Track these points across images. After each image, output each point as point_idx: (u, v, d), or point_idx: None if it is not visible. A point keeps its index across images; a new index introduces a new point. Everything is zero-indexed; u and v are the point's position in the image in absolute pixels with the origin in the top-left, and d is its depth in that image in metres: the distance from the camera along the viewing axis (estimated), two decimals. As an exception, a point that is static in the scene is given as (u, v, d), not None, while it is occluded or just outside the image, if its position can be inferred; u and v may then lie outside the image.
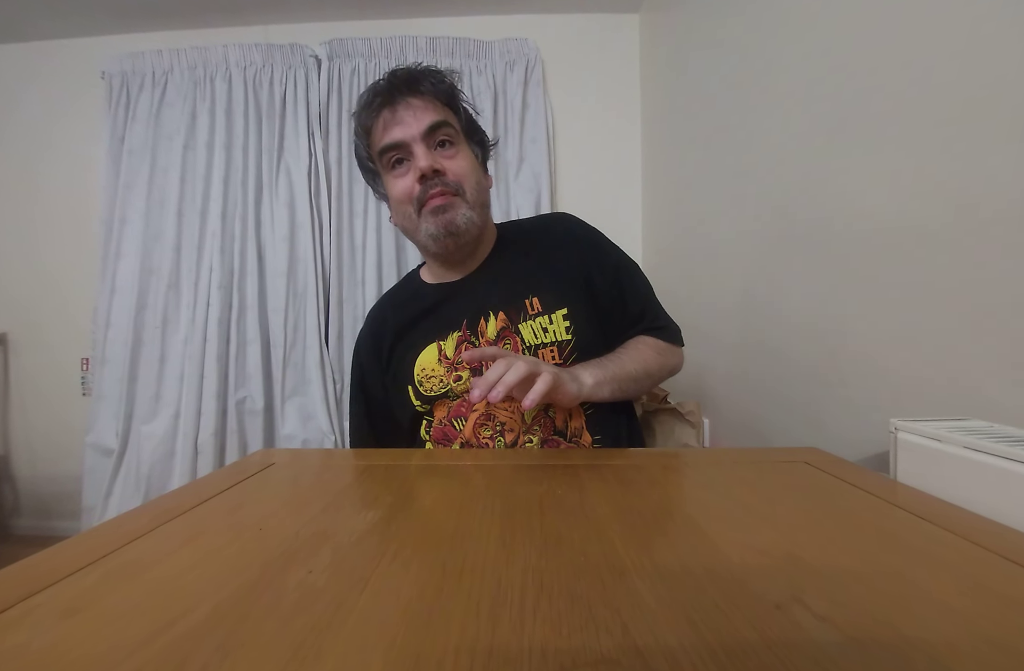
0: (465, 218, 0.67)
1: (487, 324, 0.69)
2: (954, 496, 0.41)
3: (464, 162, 0.69)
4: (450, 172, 0.67)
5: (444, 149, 0.68)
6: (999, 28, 0.53)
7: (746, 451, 0.59)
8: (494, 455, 0.59)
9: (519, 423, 0.66)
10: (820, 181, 0.83)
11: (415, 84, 0.67)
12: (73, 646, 0.23)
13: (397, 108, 0.66)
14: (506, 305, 0.69)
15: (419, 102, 0.67)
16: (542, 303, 0.69)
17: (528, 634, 0.23)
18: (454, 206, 0.67)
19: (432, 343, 0.71)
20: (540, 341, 0.67)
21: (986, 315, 0.55)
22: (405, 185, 0.67)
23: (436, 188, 0.65)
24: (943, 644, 0.22)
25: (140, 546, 0.34)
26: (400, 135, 0.66)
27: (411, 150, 0.66)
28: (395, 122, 0.66)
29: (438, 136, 0.67)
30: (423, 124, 0.66)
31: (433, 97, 0.68)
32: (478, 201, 0.70)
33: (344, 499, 0.43)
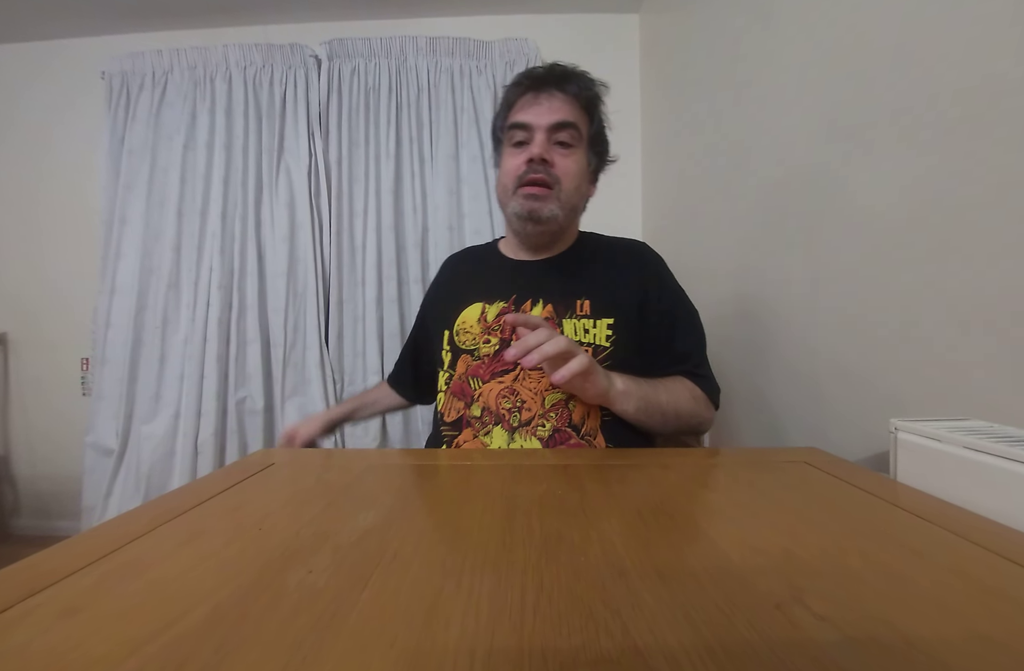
0: (550, 212, 0.72)
1: (532, 309, 0.73)
2: (954, 496, 0.41)
3: (573, 164, 0.74)
4: (557, 166, 0.72)
5: (561, 148, 0.73)
6: (999, 27, 0.53)
7: (746, 451, 0.59)
8: (494, 455, 0.59)
9: (538, 405, 0.68)
10: (820, 181, 0.83)
11: (565, 81, 0.73)
12: (73, 646, 0.23)
13: (540, 95, 0.72)
14: (557, 299, 0.73)
15: (561, 98, 0.72)
16: (592, 308, 0.72)
17: (528, 634, 0.23)
18: (545, 199, 0.71)
19: (480, 303, 0.76)
20: (578, 339, 0.70)
21: (986, 315, 0.55)
22: (515, 163, 0.73)
23: (538, 174, 0.70)
24: (943, 644, 0.22)
25: (140, 546, 0.34)
26: (530, 119, 0.72)
27: (533, 135, 0.72)
28: (532, 105, 0.73)
29: (560, 135, 0.72)
30: (553, 118, 0.71)
31: (574, 98, 0.73)
32: (569, 202, 0.74)
33: (344, 499, 0.43)
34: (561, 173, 0.72)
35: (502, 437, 0.68)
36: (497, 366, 0.72)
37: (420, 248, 1.78)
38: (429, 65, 1.82)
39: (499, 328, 0.73)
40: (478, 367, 0.73)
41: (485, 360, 0.73)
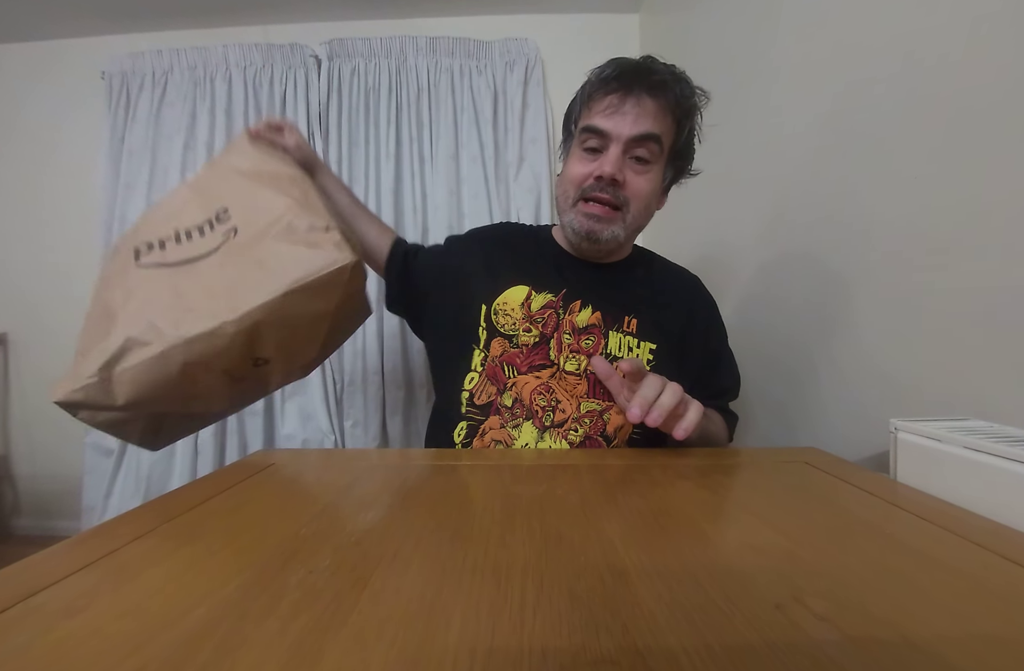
0: (611, 234, 0.67)
1: (581, 310, 0.70)
2: (954, 496, 0.41)
3: (647, 184, 0.67)
4: (628, 187, 0.65)
5: (636, 163, 0.66)
6: (1000, 25, 0.53)
7: (746, 451, 0.59)
8: (494, 455, 0.59)
9: (573, 408, 0.66)
10: (821, 180, 0.83)
11: (661, 88, 0.64)
12: (73, 646, 0.23)
13: (628, 99, 0.63)
14: (607, 308, 0.70)
15: (651, 105, 0.63)
16: (638, 328, 0.70)
17: (528, 634, 0.23)
18: (608, 220, 0.66)
19: (527, 286, 0.71)
20: (622, 355, 0.68)
21: (986, 315, 0.55)
22: (581, 171, 0.66)
23: (604, 194, 0.65)
24: (943, 644, 0.22)
25: (140, 546, 0.34)
26: (609, 126, 0.63)
27: (608, 145, 0.64)
28: (615, 110, 0.63)
29: (639, 150, 0.65)
30: (635, 130, 0.63)
31: (667, 109, 0.64)
32: (635, 224, 0.69)
33: (344, 499, 0.43)
34: (631, 194, 0.65)
35: (531, 434, 0.65)
36: (535, 359, 0.68)
37: (420, 248, 1.78)
38: (429, 65, 1.82)
39: (542, 320, 0.69)
40: (515, 355, 0.69)
41: (524, 350, 0.69)
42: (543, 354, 0.69)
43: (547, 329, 0.69)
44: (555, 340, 0.68)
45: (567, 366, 0.68)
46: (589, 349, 0.68)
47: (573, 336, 0.69)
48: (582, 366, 0.67)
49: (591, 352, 0.68)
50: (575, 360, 0.68)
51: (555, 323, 0.69)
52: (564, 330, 0.69)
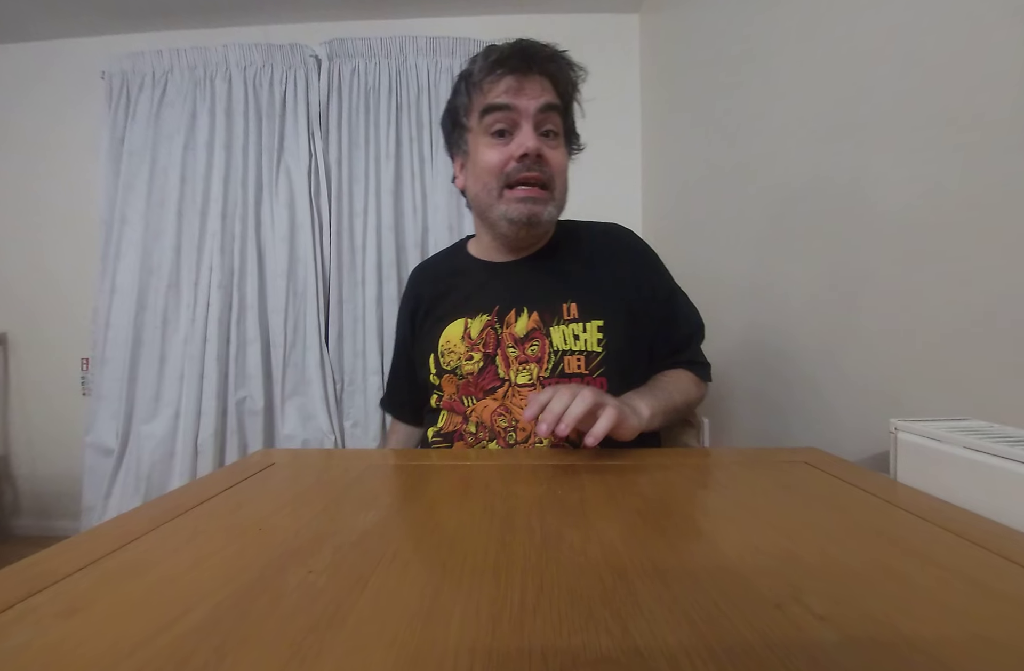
0: (548, 214, 0.66)
1: (517, 319, 0.69)
2: (954, 496, 0.41)
3: (563, 158, 0.67)
4: (551, 162, 0.65)
5: (548, 139, 0.66)
6: (1000, 25, 0.53)
7: (746, 451, 0.59)
8: (494, 455, 0.59)
9: (532, 424, 0.65)
10: (821, 180, 0.83)
11: (552, 64, 0.64)
12: (73, 646, 0.23)
13: (522, 76, 0.63)
14: (542, 305, 0.68)
15: (545, 81, 0.64)
16: (580, 310, 0.68)
17: (528, 634, 0.23)
18: (543, 201, 0.65)
19: (461, 319, 0.71)
20: (569, 347, 0.66)
21: (986, 315, 0.55)
22: (499, 157, 0.64)
23: (533, 173, 0.63)
24: (943, 644, 0.22)
25: (140, 546, 0.34)
26: (515, 101, 0.63)
27: (518, 122, 0.63)
28: (517, 87, 0.63)
29: (547, 122, 0.65)
30: (540, 100, 0.63)
31: (557, 82, 0.65)
32: (562, 201, 0.69)
33: (344, 499, 0.43)
34: (555, 170, 0.65)
35: None
36: (485, 382, 0.68)
37: (420, 248, 1.78)
38: (429, 65, 1.82)
39: (482, 342, 0.68)
40: (466, 386, 0.69)
41: (470, 378, 0.68)
42: (492, 375, 0.68)
43: (489, 349, 0.68)
44: (500, 357, 0.68)
45: (519, 379, 0.66)
46: (536, 355, 0.67)
47: (517, 347, 0.67)
48: (535, 374, 0.66)
49: (539, 357, 0.66)
50: (526, 371, 0.66)
51: (495, 340, 0.68)
52: (507, 344, 0.68)
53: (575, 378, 0.66)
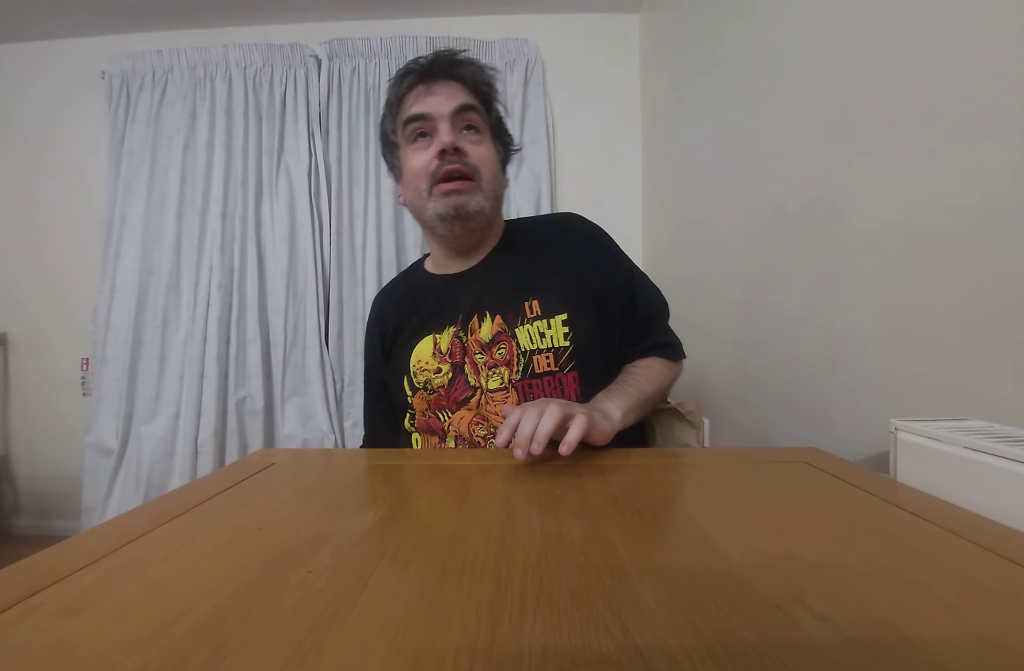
0: (477, 204, 0.66)
1: (481, 324, 0.68)
2: (954, 496, 0.41)
3: (486, 150, 0.69)
4: (472, 154, 0.66)
5: (469, 133, 0.67)
6: (1000, 26, 0.53)
7: (746, 451, 0.59)
8: (494, 455, 0.59)
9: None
10: (820, 180, 0.83)
11: (457, 68, 0.68)
12: (73, 646, 0.23)
13: (433, 85, 0.67)
14: (504, 307, 0.68)
15: (456, 85, 0.67)
16: (542, 306, 0.67)
17: (528, 634, 0.23)
18: (468, 191, 0.65)
19: (429, 335, 0.70)
20: (536, 346, 0.66)
21: (986, 314, 0.55)
22: (423, 159, 0.66)
23: (454, 165, 0.64)
24: (943, 644, 0.22)
25: (140, 546, 0.34)
26: (429, 108, 0.66)
27: (436, 126, 0.66)
28: (428, 95, 0.66)
29: (465, 119, 0.67)
30: (454, 103, 0.66)
31: (471, 87, 0.68)
32: (492, 192, 0.69)
33: (344, 499, 0.43)
34: (477, 161, 0.66)
35: None
36: (457, 394, 0.67)
37: (420, 248, 1.78)
38: (429, 65, 1.82)
39: (449, 353, 0.68)
40: (438, 400, 0.68)
41: (441, 391, 0.68)
42: (463, 384, 0.67)
43: (456, 358, 0.68)
44: (469, 365, 0.68)
45: (490, 384, 0.66)
46: (505, 358, 0.66)
47: (485, 353, 0.67)
48: (506, 378, 0.66)
49: (508, 360, 0.66)
50: (496, 375, 0.66)
51: (461, 349, 0.68)
52: (473, 351, 0.68)
53: (547, 377, 0.65)
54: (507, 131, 0.75)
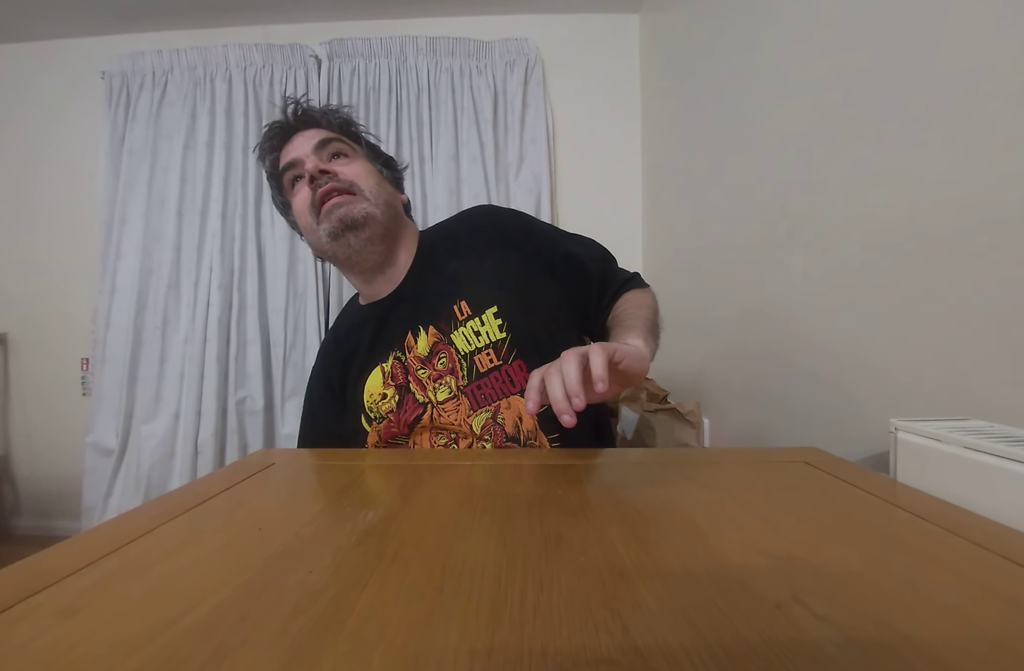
0: (362, 211, 0.66)
1: (417, 340, 0.68)
2: (954, 496, 0.41)
3: (360, 168, 0.70)
4: (341, 173, 0.68)
5: (338, 159, 0.70)
6: (1000, 27, 0.53)
7: (746, 451, 0.59)
8: (494, 455, 0.59)
9: (468, 431, 0.65)
10: (821, 182, 0.83)
11: (307, 117, 0.72)
12: (73, 646, 0.23)
13: (293, 138, 0.71)
14: (435, 317, 0.67)
15: (312, 131, 0.71)
16: (470, 305, 0.66)
17: (528, 634, 0.23)
18: (349, 203, 0.66)
19: (376, 367, 0.69)
20: (474, 346, 0.65)
21: (986, 315, 0.55)
22: (302, 196, 0.68)
23: (326, 184, 0.66)
24: (943, 644, 0.22)
25: (140, 546, 0.34)
26: (294, 154, 0.69)
27: (304, 166, 0.68)
28: (290, 146, 0.71)
29: (330, 149, 0.70)
30: (312, 142, 0.69)
31: (327, 126, 0.72)
32: (380, 200, 0.69)
33: (344, 499, 0.43)
34: (351, 175, 0.68)
35: None
36: (407, 415, 0.66)
37: (420, 248, 1.78)
38: (429, 65, 1.82)
39: (391, 374, 0.68)
40: (388, 427, 0.67)
41: (391, 417, 0.67)
42: (412, 404, 0.67)
43: (400, 380, 0.67)
44: (414, 383, 0.67)
45: (439, 396, 0.66)
46: (448, 366, 0.66)
47: (426, 367, 0.67)
48: (453, 386, 0.65)
49: (451, 368, 0.66)
50: (444, 386, 0.66)
51: (403, 369, 0.67)
52: (415, 368, 0.67)
53: (492, 373, 0.64)
54: (384, 154, 0.78)
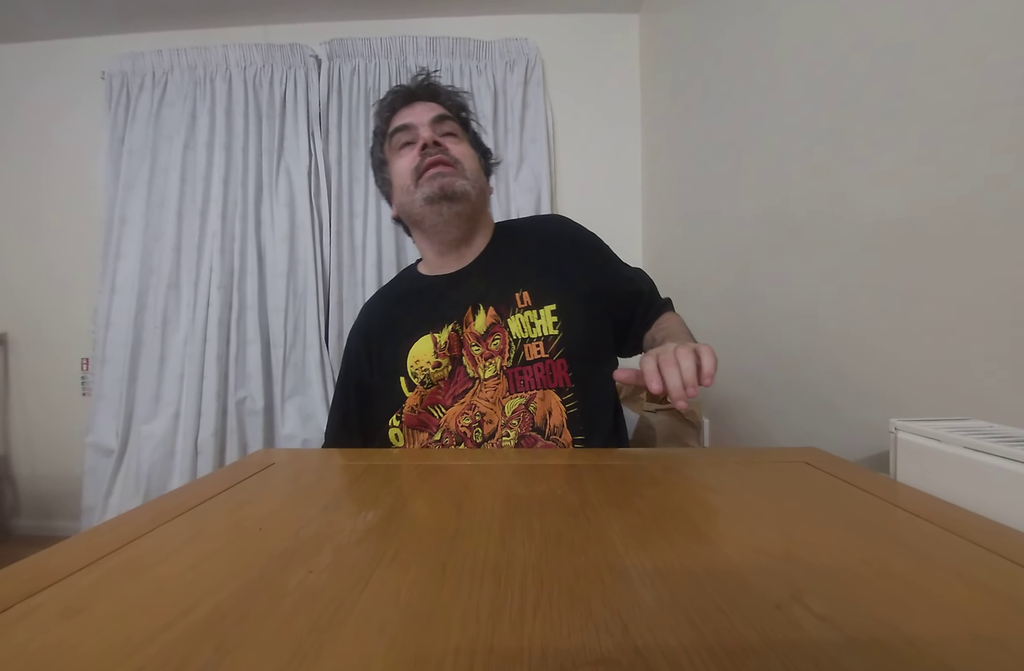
0: (461, 186, 0.69)
1: (475, 317, 0.70)
2: (954, 496, 0.41)
3: (466, 150, 0.74)
4: (452, 149, 0.71)
5: (448, 138, 0.73)
6: (999, 27, 0.53)
7: (746, 451, 0.59)
8: (494, 455, 0.59)
9: (499, 415, 0.67)
10: (820, 180, 0.83)
11: (433, 91, 0.76)
12: (73, 646, 0.23)
13: (414, 103, 0.75)
14: (497, 299, 0.71)
15: (433, 104, 0.75)
16: (532, 297, 0.70)
17: (528, 634, 0.23)
18: (452, 174, 0.70)
19: (427, 335, 0.71)
20: (527, 335, 0.68)
21: (986, 315, 0.55)
22: (408, 159, 0.72)
23: (435, 155, 0.69)
24: (943, 644, 0.22)
25: (140, 546, 0.34)
26: (411, 118, 0.73)
27: (418, 132, 0.72)
28: (409, 111, 0.74)
29: (444, 126, 0.74)
30: (432, 114, 0.73)
31: (447, 105, 0.76)
32: (477, 181, 0.73)
33: (344, 499, 0.43)
34: (458, 154, 0.71)
35: None
36: (457, 387, 0.69)
37: (420, 248, 1.78)
38: (429, 65, 1.82)
39: (447, 345, 0.69)
40: (435, 394, 0.69)
41: (441, 384, 0.69)
42: (462, 377, 0.69)
43: (454, 352, 0.70)
44: (466, 357, 0.70)
45: (486, 374, 0.68)
46: (499, 348, 0.69)
47: (480, 344, 0.70)
48: (498, 366, 0.68)
49: (501, 349, 0.69)
50: (492, 365, 0.68)
51: (458, 342, 0.70)
52: (469, 343, 0.70)
53: (537, 363, 0.68)
54: (484, 145, 0.81)
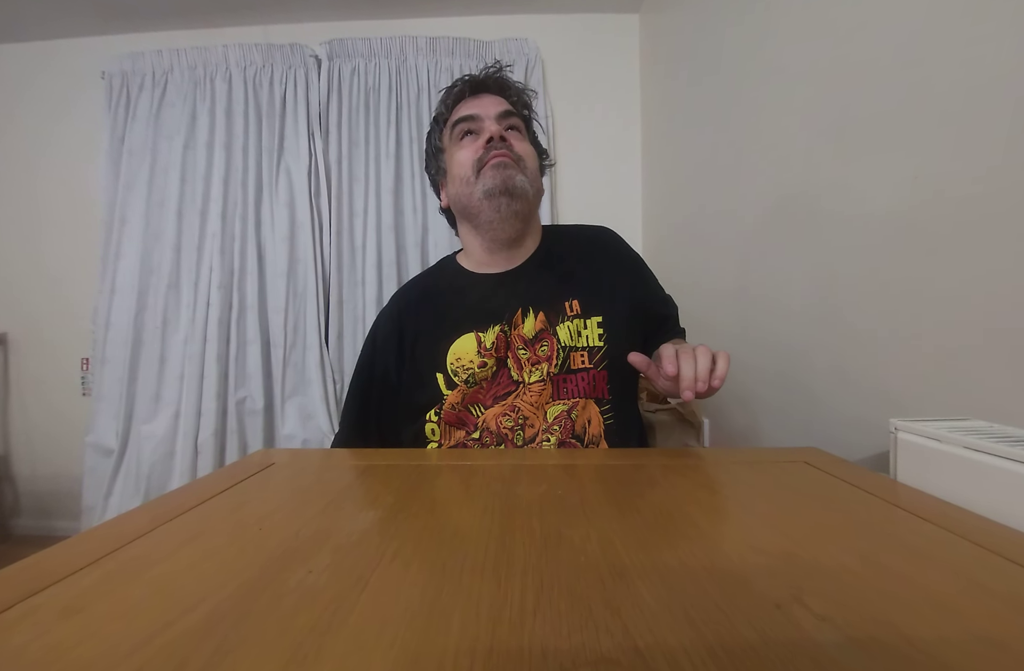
0: (522, 182, 0.69)
1: (524, 320, 0.70)
2: (954, 496, 0.41)
3: (528, 148, 0.73)
4: (517, 146, 0.71)
5: (512, 132, 0.72)
6: (999, 27, 0.53)
7: (746, 451, 0.59)
8: (494, 455, 0.59)
9: (540, 420, 0.67)
10: (820, 179, 0.83)
11: (503, 85, 0.75)
12: (73, 646, 0.23)
13: (481, 94, 0.74)
14: (548, 305, 0.70)
15: (499, 98, 0.74)
16: (581, 306, 0.70)
17: (528, 634, 0.23)
18: (515, 167, 0.69)
19: (470, 333, 0.70)
20: (574, 344, 0.69)
21: (986, 315, 0.55)
22: (470, 150, 0.70)
23: (501, 150, 0.68)
24: (943, 644, 0.22)
25: (140, 546, 0.34)
26: (477, 109, 0.72)
27: (482, 125, 0.70)
28: (476, 101, 0.73)
29: (509, 122, 0.73)
30: (499, 108, 0.72)
31: (513, 100, 0.76)
32: (535, 181, 0.72)
33: (344, 499, 0.43)
34: (521, 152, 0.70)
35: None
36: (499, 389, 0.68)
37: (420, 248, 1.78)
38: (429, 65, 1.82)
39: (494, 347, 0.68)
40: (476, 393, 0.68)
41: (484, 384, 0.69)
42: (506, 379, 0.68)
43: (501, 353, 0.69)
44: (512, 360, 0.69)
45: (531, 379, 0.68)
46: (547, 355, 0.68)
47: (528, 349, 0.69)
48: (545, 372, 0.67)
49: (548, 356, 0.68)
50: (538, 371, 0.68)
51: (505, 344, 0.69)
52: (516, 346, 0.69)
53: (581, 372, 0.68)
54: (542, 146, 0.80)
